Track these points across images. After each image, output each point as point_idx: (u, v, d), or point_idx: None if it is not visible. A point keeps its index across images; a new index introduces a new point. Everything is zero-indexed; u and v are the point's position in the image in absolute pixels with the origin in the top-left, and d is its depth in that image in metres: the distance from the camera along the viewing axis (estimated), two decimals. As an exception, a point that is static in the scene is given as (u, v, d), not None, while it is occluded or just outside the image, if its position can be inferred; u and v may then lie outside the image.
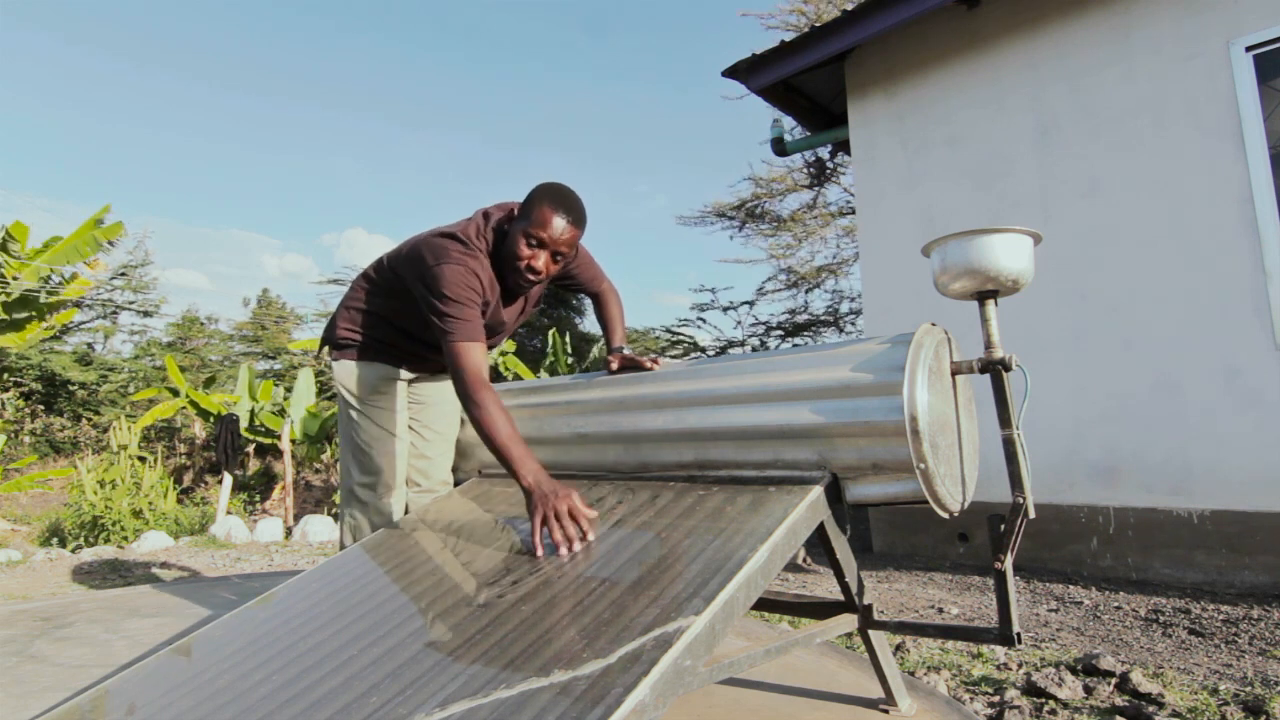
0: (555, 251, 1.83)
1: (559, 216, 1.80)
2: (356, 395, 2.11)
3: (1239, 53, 3.57)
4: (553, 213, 1.79)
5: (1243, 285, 3.48)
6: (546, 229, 1.79)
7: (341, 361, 2.14)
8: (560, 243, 1.81)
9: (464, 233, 1.87)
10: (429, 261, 1.83)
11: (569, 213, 1.81)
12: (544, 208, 1.80)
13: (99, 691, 1.47)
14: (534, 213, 1.80)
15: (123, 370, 13.37)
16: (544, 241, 1.80)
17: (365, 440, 2.11)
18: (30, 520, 7.70)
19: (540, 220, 1.79)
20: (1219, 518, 3.42)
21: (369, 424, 2.10)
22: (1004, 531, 1.47)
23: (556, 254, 1.84)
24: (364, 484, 2.11)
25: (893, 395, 1.41)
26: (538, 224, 1.79)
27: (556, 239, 1.80)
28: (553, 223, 1.79)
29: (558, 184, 1.85)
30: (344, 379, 2.13)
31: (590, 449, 1.90)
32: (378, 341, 2.11)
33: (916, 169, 4.67)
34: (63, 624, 2.62)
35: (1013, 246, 1.46)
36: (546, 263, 1.84)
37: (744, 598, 1.24)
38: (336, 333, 2.16)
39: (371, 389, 2.11)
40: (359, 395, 2.11)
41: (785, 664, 2.05)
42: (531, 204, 1.82)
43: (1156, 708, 1.91)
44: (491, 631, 1.26)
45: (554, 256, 1.84)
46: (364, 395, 2.11)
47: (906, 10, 4.22)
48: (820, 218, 11.77)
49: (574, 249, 1.88)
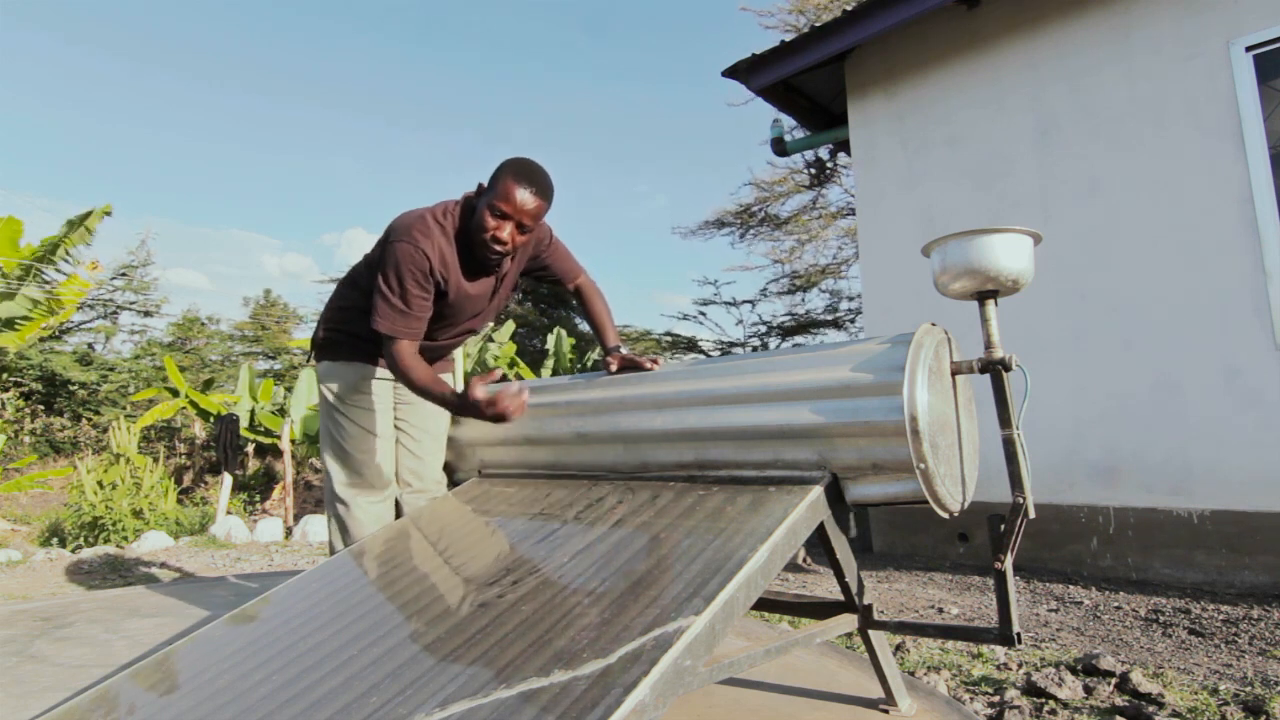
0: (520, 223, 1.86)
1: (523, 188, 1.83)
2: (337, 395, 2.11)
3: (1239, 53, 3.57)
4: (516, 184, 1.83)
5: (1243, 285, 3.48)
6: (511, 201, 1.83)
7: (324, 362, 2.14)
8: (525, 214, 1.84)
9: (431, 213, 1.92)
10: (385, 239, 1.93)
11: (533, 184, 1.85)
12: (508, 180, 1.84)
13: (99, 691, 1.47)
14: (499, 185, 1.84)
15: (123, 370, 13.36)
16: (508, 213, 1.84)
17: (347, 440, 2.10)
18: (30, 520, 7.70)
19: (504, 193, 1.83)
20: (1219, 518, 3.42)
21: (350, 424, 2.10)
22: (1004, 531, 1.47)
23: (522, 225, 1.87)
24: (348, 485, 2.10)
25: (893, 395, 1.41)
26: (502, 196, 1.83)
27: (521, 209, 1.83)
28: (516, 194, 1.83)
29: (523, 158, 1.89)
30: (325, 379, 2.13)
31: (590, 449, 1.90)
32: (360, 340, 2.10)
33: (916, 169, 4.67)
34: (63, 624, 2.62)
35: (1013, 246, 1.46)
36: (512, 234, 1.87)
37: (744, 598, 1.24)
38: (319, 333, 2.17)
39: (352, 389, 2.11)
40: (340, 395, 2.11)
41: (785, 664, 2.05)
42: (496, 177, 1.87)
43: (1156, 708, 1.91)
44: (491, 631, 1.26)
45: (520, 228, 1.87)
46: (345, 395, 2.10)
47: (906, 10, 4.22)
48: (821, 218, 11.77)
49: (539, 222, 1.91)
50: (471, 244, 1.92)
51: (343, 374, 2.11)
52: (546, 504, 1.81)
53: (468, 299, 2.01)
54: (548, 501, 1.82)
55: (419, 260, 1.85)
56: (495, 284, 2.07)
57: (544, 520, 1.71)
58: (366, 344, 2.08)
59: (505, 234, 1.86)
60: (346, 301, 2.12)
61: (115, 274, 13.80)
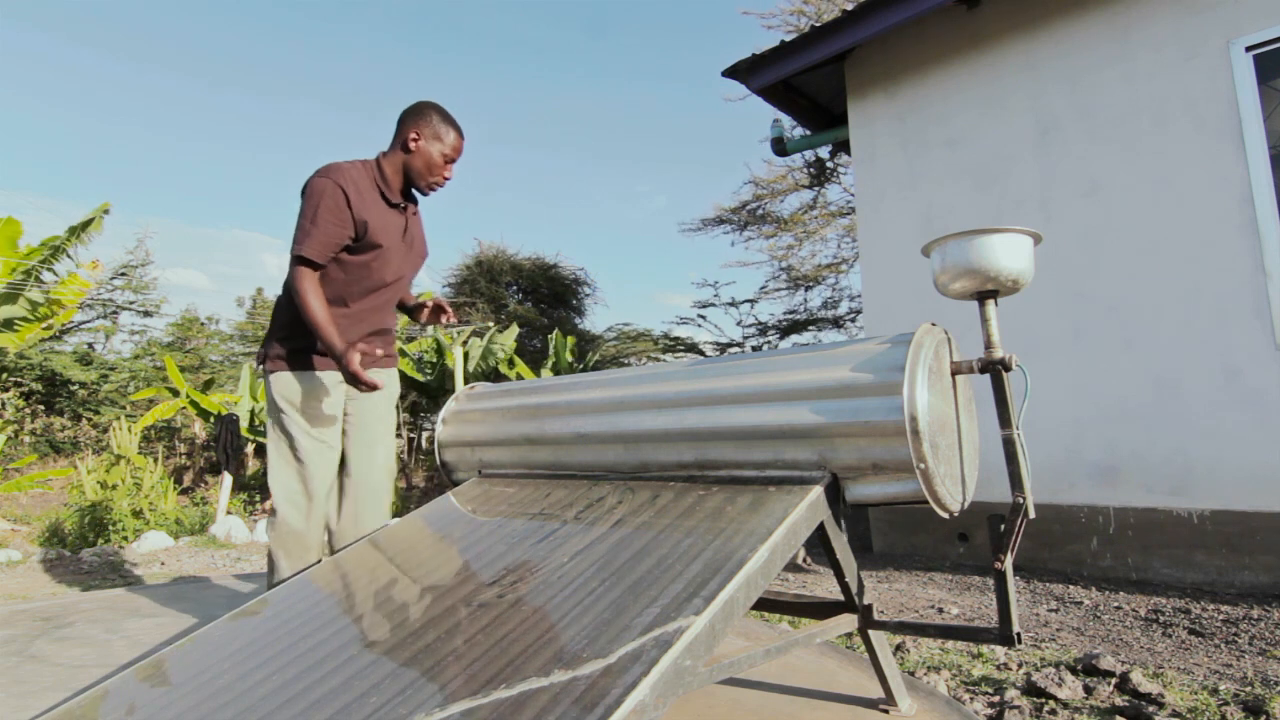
0: (456, 162, 2.26)
1: (458, 134, 2.22)
2: (288, 403, 2.13)
3: (1239, 52, 3.57)
4: (456, 131, 2.21)
5: (1243, 285, 3.48)
6: (458, 147, 2.22)
7: (274, 374, 2.16)
8: (459, 153, 2.25)
9: (349, 162, 2.14)
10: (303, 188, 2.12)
11: (460, 129, 2.23)
12: (450, 129, 2.19)
13: (99, 691, 1.47)
14: (445, 135, 2.18)
15: (123, 370, 13.37)
16: (453, 157, 2.22)
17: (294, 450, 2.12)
18: (30, 520, 7.70)
19: (453, 143, 2.20)
20: (1219, 518, 3.42)
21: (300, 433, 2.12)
22: (1004, 531, 1.47)
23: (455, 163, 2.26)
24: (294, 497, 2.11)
25: (893, 395, 1.41)
26: (451, 146, 2.20)
27: (459, 150, 2.24)
28: (459, 140, 2.23)
29: (437, 104, 2.22)
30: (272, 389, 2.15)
31: (590, 449, 1.90)
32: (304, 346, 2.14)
33: (916, 169, 4.67)
34: (63, 624, 2.62)
35: (1013, 246, 1.46)
36: (449, 170, 2.24)
37: (744, 598, 1.24)
38: (266, 346, 2.20)
39: (304, 396, 2.13)
40: (290, 403, 2.13)
41: (785, 664, 2.05)
42: (433, 125, 2.18)
43: (1156, 708, 1.91)
44: (491, 631, 1.26)
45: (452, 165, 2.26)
46: (295, 403, 2.13)
47: (906, 10, 4.22)
48: (820, 217, 11.77)
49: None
50: (415, 184, 2.21)
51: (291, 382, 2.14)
52: (546, 504, 1.81)
53: (381, 229, 2.15)
54: (548, 501, 1.82)
55: (333, 191, 2.05)
56: (405, 226, 2.24)
57: (544, 520, 1.71)
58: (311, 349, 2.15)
59: (450, 172, 2.24)
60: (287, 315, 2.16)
61: (115, 274, 13.80)
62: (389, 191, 2.16)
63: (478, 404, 2.29)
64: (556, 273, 14.69)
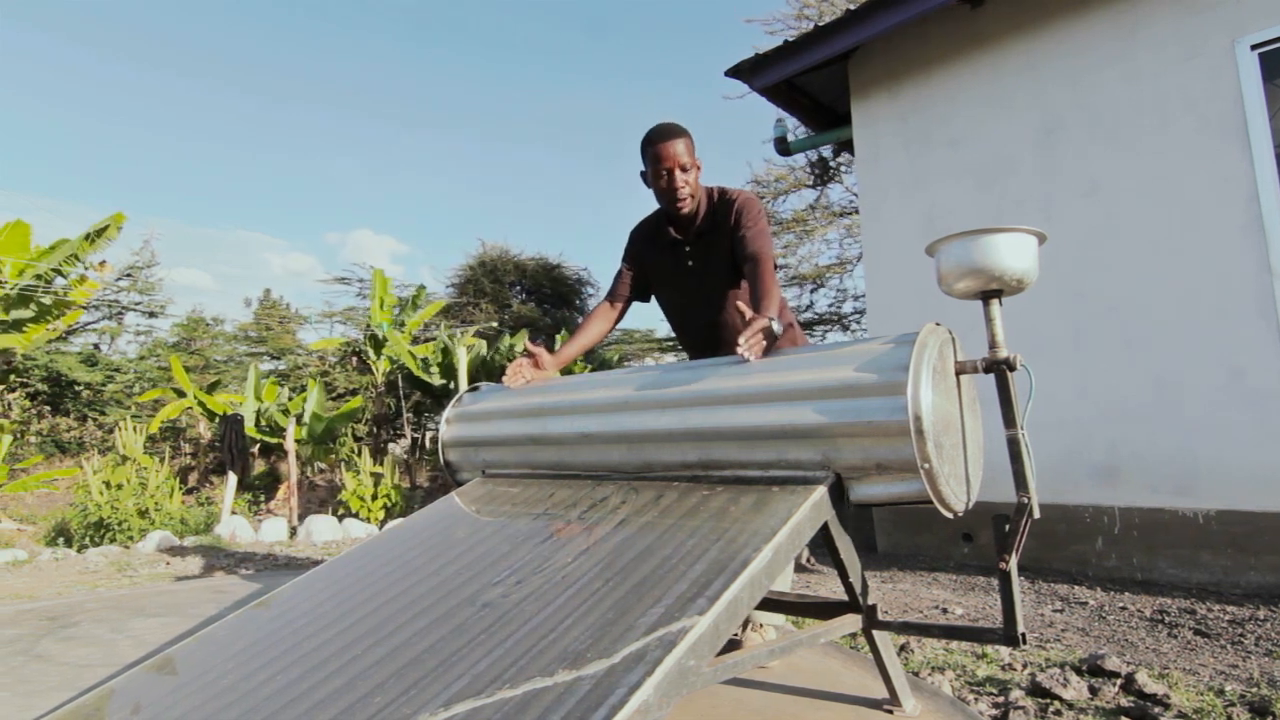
0: (680, 165, 2.13)
1: (659, 140, 2.14)
2: None
3: (1244, 51, 3.56)
4: (653, 142, 2.14)
5: (1248, 285, 3.46)
6: (657, 154, 2.14)
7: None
8: (673, 156, 2.13)
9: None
10: None
11: (664, 133, 2.14)
12: (647, 145, 2.16)
13: (104, 691, 1.47)
14: (645, 154, 2.17)
15: (128, 371, 13.41)
16: (662, 162, 2.13)
17: None
18: (36, 520, 7.73)
19: (652, 155, 2.15)
20: (1225, 518, 3.41)
21: None
22: (1009, 532, 1.46)
23: (683, 167, 2.14)
24: None
25: (897, 395, 1.41)
26: (650, 157, 2.15)
27: (667, 154, 2.13)
28: (657, 147, 2.14)
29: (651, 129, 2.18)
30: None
31: (594, 449, 1.90)
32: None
33: (919, 169, 4.66)
34: (68, 623, 2.63)
35: (1017, 246, 1.45)
36: (678, 177, 2.14)
37: (748, 598, 1.24)
38: None
39: None
40: None
41: (789, 664, 2.05)
42: (642, 152, 2.18)
43: (1162, 708, 1.90)
44: (495, 631, 1.26)
45: (682, 170, 2.14)
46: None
47: (909, 10, 4.21)
48: (823, 217, 11.75)
49: (692, 155, 2.17)
50: (666, 210, 2.21)
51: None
52: (550, 504, 1.81)
53: (663, 266, 2.29)
54: (551, 501, 1.82)
55: (630, 240, 2.36)
56: (687, 259, 2.26)
57: (548, 520, 1.71)
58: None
59: (672, 180, 2.13)
60: None
61: (120, 275, 13.84)
62: (659, 232, 2.30)
63: (481, 404, 2.30)
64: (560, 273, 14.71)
